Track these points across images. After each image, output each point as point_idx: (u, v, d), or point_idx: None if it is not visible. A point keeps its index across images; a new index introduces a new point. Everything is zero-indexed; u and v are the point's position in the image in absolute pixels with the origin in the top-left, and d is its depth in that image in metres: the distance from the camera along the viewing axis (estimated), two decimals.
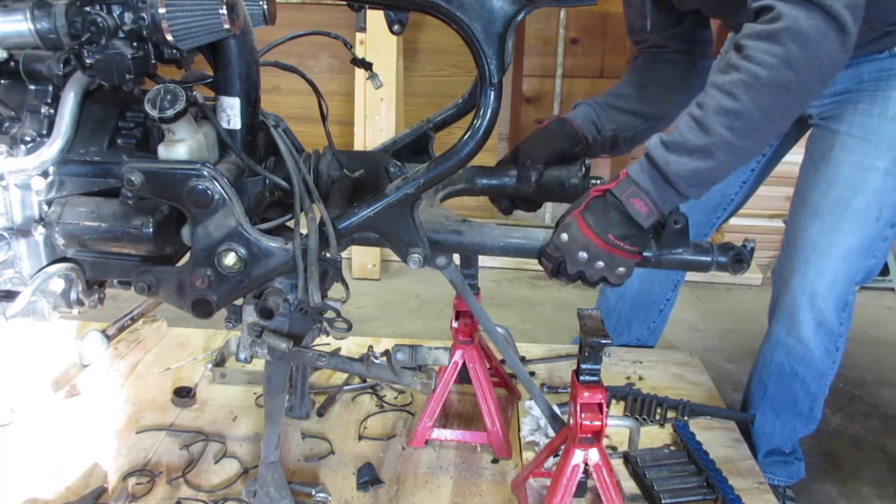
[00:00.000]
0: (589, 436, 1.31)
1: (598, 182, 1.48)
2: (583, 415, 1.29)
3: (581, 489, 1.53)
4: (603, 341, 1.29)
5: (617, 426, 1.70)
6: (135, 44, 1.19)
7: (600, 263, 1.25)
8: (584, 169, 1.50)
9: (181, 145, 1.23)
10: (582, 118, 1.62)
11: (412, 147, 1.59)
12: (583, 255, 1.25)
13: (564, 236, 1.26)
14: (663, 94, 1.68)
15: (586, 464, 1.33)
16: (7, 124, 1.32)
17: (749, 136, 1.18)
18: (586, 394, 1.30)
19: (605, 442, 1.39)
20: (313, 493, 1.56)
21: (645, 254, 1.27)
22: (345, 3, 1.39)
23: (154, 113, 1.16)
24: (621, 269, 1.26)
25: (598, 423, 1.29)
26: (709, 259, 1.27)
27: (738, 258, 1.26)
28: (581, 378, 1.32)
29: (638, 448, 1.67)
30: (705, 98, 1.20)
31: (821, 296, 1.66)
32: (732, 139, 1.17)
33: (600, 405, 1.30)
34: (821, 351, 1.73)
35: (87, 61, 1.19)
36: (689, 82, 1.70)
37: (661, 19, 1.63)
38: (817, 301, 1.66)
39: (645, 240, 1.26)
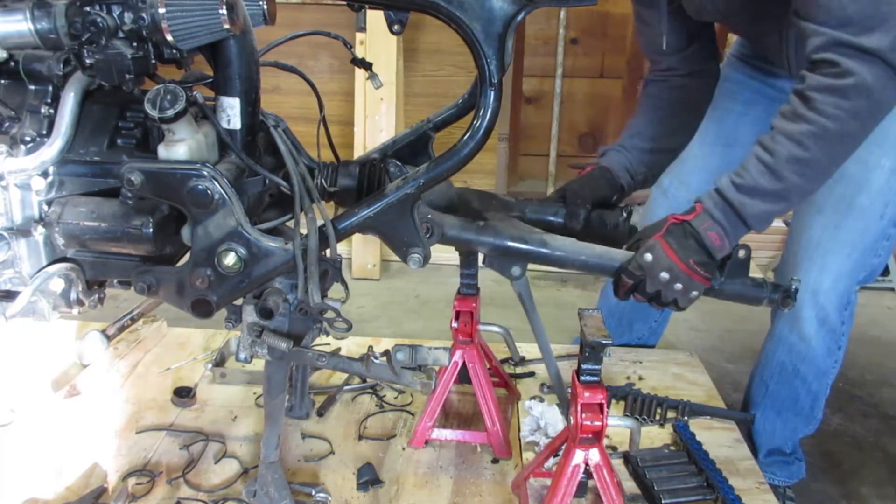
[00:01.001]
0: (589, 436, 1.31)
1: (637, 228, 1.59)
2: (583, 415, 1.29)
3: (581, 489, 1.53)
4: (604, 341, 1.29)
5: (617, 426, 1.69)
6: (135, 44, 1.19)
7: (679, 286, 1.33)
8: (625, 214, 1.60)
9: (181, 145, 1.22)
10: (617, 166, 1.71)
11: (412, 147, 1.59)
12: (665, 275, 1.33)
13: (649, 256, 1.34)
14: (679, 124, 1.78)
15: (587, 464, 1.33)
16: (7, 124, 1.31)
17: (818, 179, 1.32)
18: (587, 394, 1.30)
19: (605, 442, 1.38)
20: (313, 493, 1.56)
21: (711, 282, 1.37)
22: (345, 3, 1.39)
23: (154, 113, 1.16)
24: (694, 293, 1.35)
25: (598, 423, 1.29)
26: (763, 294, 1.39)
27: (787, 294, 1.38)
28: (581, 378, 1.32)
29: (638, 448, 1.67)
30: (774, 145, 1.29)
31: (823, 293, 1.66)
32: (802, 184, 1.30)
33: (601, 405, 1.30)
34: (823, 349, 1.73)
35: (87, 61, 1.19)
36: (699, 106, 1.81)
37: (674, 40, 1.69)
38: (820, 298, 1.66)
39: (715, 269, 1.36)
